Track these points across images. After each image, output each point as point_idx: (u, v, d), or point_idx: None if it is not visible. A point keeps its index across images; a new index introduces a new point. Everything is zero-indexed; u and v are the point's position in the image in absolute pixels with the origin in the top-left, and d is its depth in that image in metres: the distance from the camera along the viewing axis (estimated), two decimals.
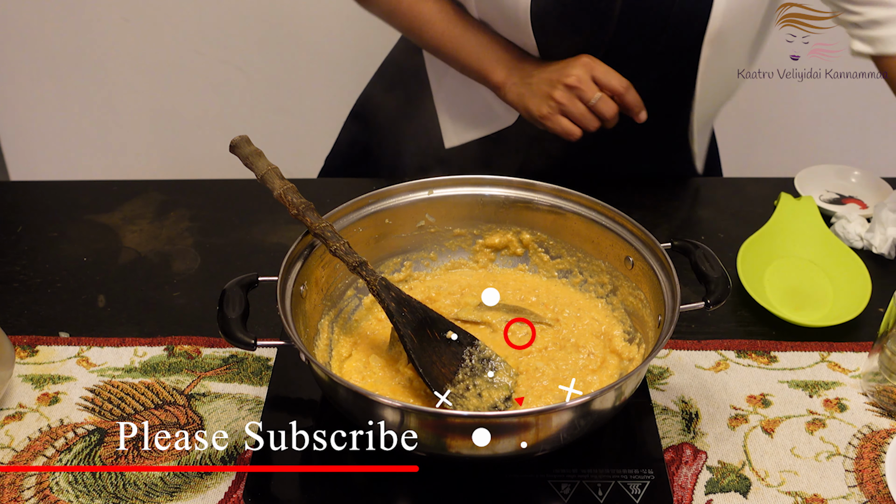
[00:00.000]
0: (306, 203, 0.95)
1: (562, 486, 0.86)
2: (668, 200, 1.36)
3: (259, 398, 1.00)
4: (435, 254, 1.09)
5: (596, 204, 1.01)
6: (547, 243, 1.08)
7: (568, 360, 0.97)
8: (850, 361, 1.04)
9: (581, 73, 1.16)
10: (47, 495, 0.89)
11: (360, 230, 1.02)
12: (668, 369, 1.03)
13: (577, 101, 1.17)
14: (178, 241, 1.26)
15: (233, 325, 0.86)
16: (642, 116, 1.18)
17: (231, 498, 0.89)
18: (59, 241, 1.26)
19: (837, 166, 1.37)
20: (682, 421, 0.97)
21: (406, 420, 0.80)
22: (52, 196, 1.38)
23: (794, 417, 0.97)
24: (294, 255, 0.94)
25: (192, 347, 1.07)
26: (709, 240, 1.22)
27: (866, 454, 0.93)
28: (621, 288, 1.01)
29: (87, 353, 1.06)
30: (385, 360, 0.96)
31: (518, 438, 0.80)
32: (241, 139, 0.97)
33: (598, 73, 1.16)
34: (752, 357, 1.05)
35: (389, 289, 0.92)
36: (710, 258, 0.94)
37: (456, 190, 1.05)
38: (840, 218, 1.26)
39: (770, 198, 1.32)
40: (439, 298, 1.06)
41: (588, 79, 1.16)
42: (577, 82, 1.16)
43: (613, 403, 0.84)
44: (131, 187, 1.38)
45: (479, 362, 0.92)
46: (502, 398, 0.90)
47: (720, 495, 0.89)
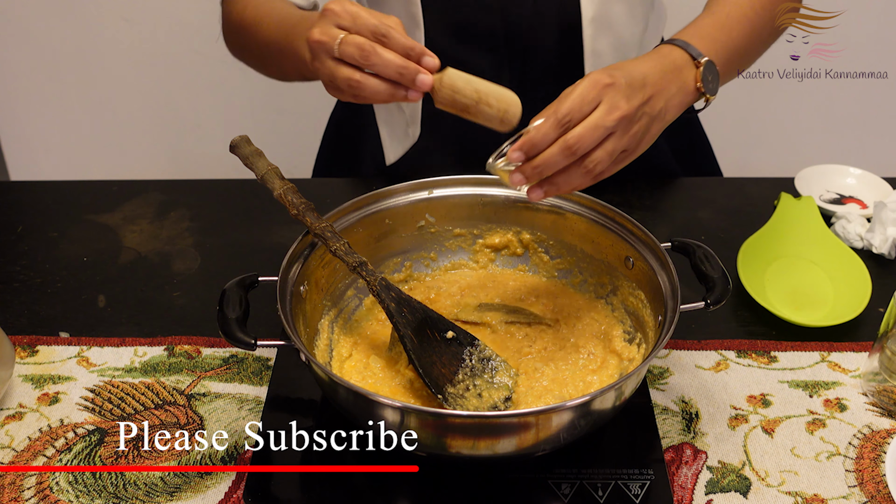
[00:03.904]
0: (306, 203, 0.95)
1: (562, 486, 0.86)
2: (668, 200, 1.36)
3: (259, 398, 1.00)
4: (435, 254, 1.09)
5: (596, 204, 1.01)
6: (547, 243, 1.08)
7: (568, 360, 0.97)
8: (851, 361, 1.04)
9: (322, 24, 0.87)
10: (47, 495, 0.89)
11: (360, 230, 1.02)
12: (668, 369, 1.03)
13: (324, 58, 0.87)
14: (178, 241, 1.26)
15: (233, 325, 0.86)
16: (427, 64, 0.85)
17: (231, 498, 0.89)
18: (60, 241, 1.26)
19: (837, 166, 1.37)
20: (682, 421, 0.97)
21: (406, 420, 0.80)
22: (52, 196, 1.38)
23: (794, 417, 0.97)
24: (294, 255, 0.94)
25: (192, 347, 1.07)
26: (709, 240, 1.22)
27: (866, 454, 0.93)
28: (621, 288, 1.01)
29: (87, 353, 1.06)
30: (385, 360, 0.96)
31: (518, 438, 0.80)
32: (241, 139, 0.97)
33: (343, 20, 0.86)
34: (752, 357, 1.05)
35: (389, 289, 0.92)
36: (710, 258, 0.94)
37: (456, 190, 1.05)
38: (840, 218, 1.26)
39: (770, 198, 1.32)
40: (439, 299, 1.06)
41: (330, 27, 0.87)
42: (318, 36, 0.87)
43: (613, 403, 0.84)
44: (131, 187, 1.38)
45: (479, 362, 0.92)
46: (502, 398, 0.90)
47: (720, 495, 0.89)
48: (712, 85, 0.95)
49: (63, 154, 2.50)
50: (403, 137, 1.31)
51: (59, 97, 2.40)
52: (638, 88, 0.87)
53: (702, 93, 0.94)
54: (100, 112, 2.41)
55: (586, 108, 0.83)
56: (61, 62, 2.33)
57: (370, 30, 0.85)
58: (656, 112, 0.89)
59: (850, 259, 1.17)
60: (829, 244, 1.20)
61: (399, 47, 0.85)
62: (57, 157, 2.50)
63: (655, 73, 0.90)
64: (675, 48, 0.95)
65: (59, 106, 2.42)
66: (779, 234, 1.21)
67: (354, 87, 0.86)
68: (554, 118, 0.82)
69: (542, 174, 0.84)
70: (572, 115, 0.82)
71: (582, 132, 0.82)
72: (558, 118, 0.82)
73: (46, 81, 2.37)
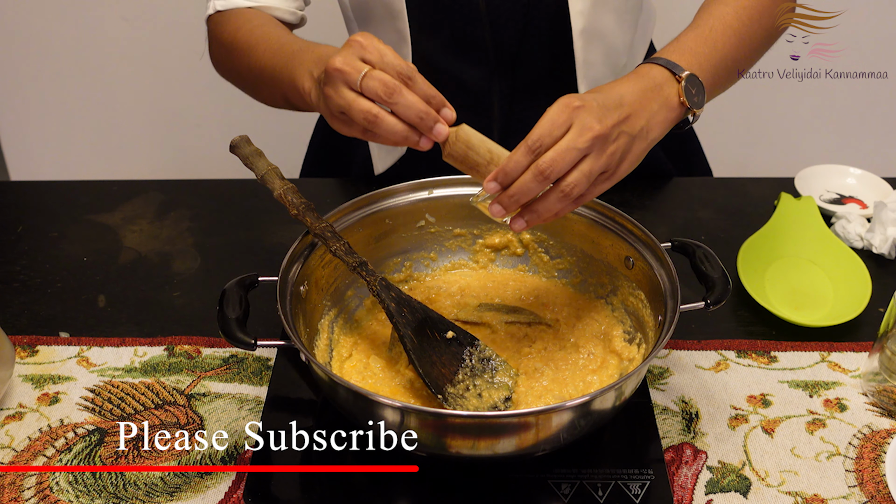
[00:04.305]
0: (306, 203, 0.95)
1: (562, 486, 0.86)
2: (668, 200, 1.36)
3: (259, 398, 1.00)
4: (435, 254, 1.09)
5: (596, 204, 1.01)
6: (547, 243, 1.08)
7: (568, 360, 0.97)
8: (850, 361, 1.04)
9: (345, 54, 0.86)
10: (47, 495, 0.89)
11: (360, 230, 1.02)
12: (668, 369, 1.03)
13: (342, 87, 0.86)
14: (178, 241, 1.26)
15: (233, 325, 0.86)
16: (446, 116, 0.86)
17: (231, 498, 0.89)
18: (60, 241, 1.26)
19: (837, 166, 1.37)
20: (682, 421, 0.97)
21: (406, 420, 0.80)
22: (52, 196, 1.38)
23: (794, 417, 0.97)
24: (294, 255, 0.94)
25: (192, 347, 1.07)
26: (709, 240, 1.22)
27: (866, 454, 0.93)
28: (621, 288, 1.01)
29: (87, 353, 1.06)
30: (385, 360, 0.96)
31: (518, 438, 0.80)
32: (241, 139, 0.97)
33: (370, 55, 0.85)
34: (752, 357, 1.05)
35: (389, 289, 0.92)
36: (710, 258, 0.94)
37: (456, 190, 1.05)
38: (840, 218, 1.26)
39: (770, 198, 1.32)
40: (439, 299, 1.06)
41: (353, 58, 0.86)
42: (339, 64, 0.85)
43: (613, 403, 0.84)
44: (131, 187, 1.38)
45: (479, 362, 0.92)
46: (502, 398, 0.90)
47: (720, 495, 0.89)
48: (697, 99, 0.93)
49: (63, 154, 2.50)
50: (392, 149, 1.30)
51: (59, 97, 2.40)
52: (613, 108, 0.85)
53: (687, 108, 0.92)
54: (100, 112, 2.41)
55: (556, 131, 0.82)
56: (61, 62, 2.33)
57: (396, 69, 0.84)
58: (637, 131, 0.87)
59: (850, 259, 1.17)
60: (829, 244, 1.20)
61: (422, 93, 0.85)
62: (57, 157, 2.50)
63: (633, 92, 0.89)
64: (654, 66, 0.93)
65: (59, 106, 2.41)
66: (779, 234, 1.21)
67: (371, 121, 0.84)
68: (525, 146, 0.81)
69: (518, 202, 0.83)
70: (542, 141, 0.81)
71: (553, 156, 0.81)
72: (528, 145, 0.81)
73: (46, 81, 2.37)
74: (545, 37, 1.21)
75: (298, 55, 0.99)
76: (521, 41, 1.20)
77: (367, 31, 1.24)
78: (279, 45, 1.06)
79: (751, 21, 1.03)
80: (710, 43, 0.99)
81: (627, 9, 1.21)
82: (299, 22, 1.22)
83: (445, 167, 0.91)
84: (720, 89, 1.02)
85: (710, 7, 1.04)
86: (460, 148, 0.85)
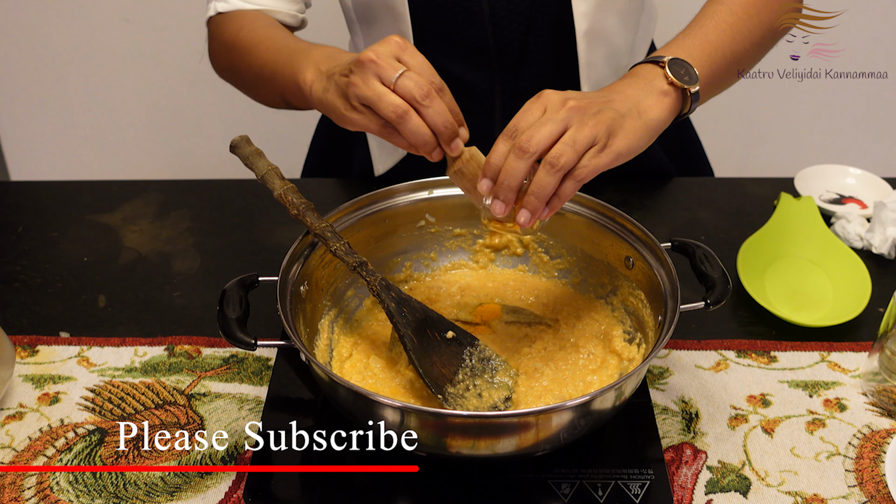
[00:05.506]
0: (306, 203, 0.95)
1: (562, 486, 0.86)
2: (668, 200, 1.36)
3: (259, 398, 1.00)
4: (435, 254, 1.09)
5: (596, 204, 1.01)
6: (547, 243, 1.08)
7: (568, 360, 0.97)
8: (850, 361, 1.04)
9: (382, 50, 0.87)
10: (48, 495, 0.89)
11: (361, 230, 1.02)
12: (668, 369, 1.03)
13: (372, 79, 0.86)
14: (178, 241, 1.26)
15: (233, 325, 0.86)
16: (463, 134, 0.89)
17: (231, 498, 0.89)
18: (60, 241, 1.26)
19: (837, 166, 1.37)
20: (682, 421, 0.97)
21: (406, 420, 0.80)
22: (52, 196, 1.38)
23: (794, 417, 0.97)
24: (294, 255, 0.94)
25: (193, 347, 1.07)
26: (709, 240, 1.22)
27: (866, 454, 0.93)
28: (621, 288, 1.01)
29: (87, 353, 1.06)
30: (386, 361, 0.96)
31: (518, 438, 0.80)
32: (241, 139, 0.98)
33: (407, 57, 0.87)
34: (752, 357, 1.05)
35: (389, 289, 0.92)
36: (710, 258, 0.94)
37: (456, 190, 1.05)
38: (840, 218, 1.26)
39: (770, 198, 1.32)
40: (439, 299, 1.06)
41: (389, 56, 0.87)
42: (375, 57, 0.86)
43: (613, 403, 0.84)
44: (131, 187, 1.38)
45: (479, 362, 0.93)
46: (502, 398, 0.90)
47: (720, 495, 0.89)
48: (687, 77, 0.92)
49: (63, 154, 2.50)
50: (393, 150, 1.31)
51: (59, 97, 2.40)
52: (593, 93, 0.88)
53: (680, 88, 0.92)
54: (100, 112, 2.41)
55: (531, 117, 0.83)
56: (62, 62, 2.33)
57: (429, 78, 0.86)
58: (625, 109, 0.87)
59: (850, 259, 1.17)
60: (829, 244, 1.20)
61: (449, 105, 0.87)
62: (57, 157, 2.50)
63: (616, 83, 0.93)
64: (638, 65, 0.95)
65: (59, 106, 2.42)
66: (779, 234, 1.21)
67: (401, 115, 0.85)
68: (502, 134, 0.83)
69: (511, 187, 0.83)
70: (517, 125, 0.83)
71: (530, 131, 0.82)
72: (505, 132, 0.83)
73: (47, 82, 2.37)
74: (548, 38, 1.21)
75: (303, 52, 1.01)
76: (524, 43, 1.21)
77: (370, 33, 1.24)
78: (282, 44, 1.07)
79: (747, 16, 1.03)
80: (701, 36, 1.00)
81: (630, 9, 1.22)
82: (300, 25, 1.22)
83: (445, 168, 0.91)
84: (719, 82, 1.02)
85: (703, 8, 1.05)
86: (472, 167, 0.88)
